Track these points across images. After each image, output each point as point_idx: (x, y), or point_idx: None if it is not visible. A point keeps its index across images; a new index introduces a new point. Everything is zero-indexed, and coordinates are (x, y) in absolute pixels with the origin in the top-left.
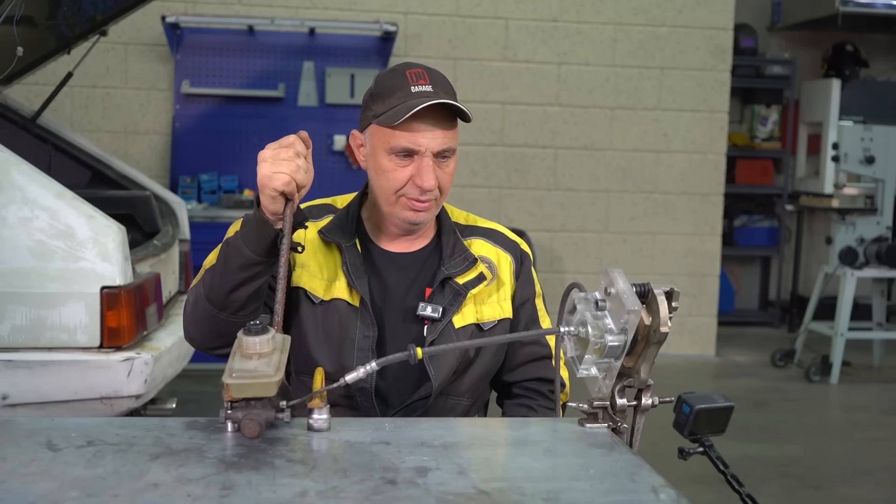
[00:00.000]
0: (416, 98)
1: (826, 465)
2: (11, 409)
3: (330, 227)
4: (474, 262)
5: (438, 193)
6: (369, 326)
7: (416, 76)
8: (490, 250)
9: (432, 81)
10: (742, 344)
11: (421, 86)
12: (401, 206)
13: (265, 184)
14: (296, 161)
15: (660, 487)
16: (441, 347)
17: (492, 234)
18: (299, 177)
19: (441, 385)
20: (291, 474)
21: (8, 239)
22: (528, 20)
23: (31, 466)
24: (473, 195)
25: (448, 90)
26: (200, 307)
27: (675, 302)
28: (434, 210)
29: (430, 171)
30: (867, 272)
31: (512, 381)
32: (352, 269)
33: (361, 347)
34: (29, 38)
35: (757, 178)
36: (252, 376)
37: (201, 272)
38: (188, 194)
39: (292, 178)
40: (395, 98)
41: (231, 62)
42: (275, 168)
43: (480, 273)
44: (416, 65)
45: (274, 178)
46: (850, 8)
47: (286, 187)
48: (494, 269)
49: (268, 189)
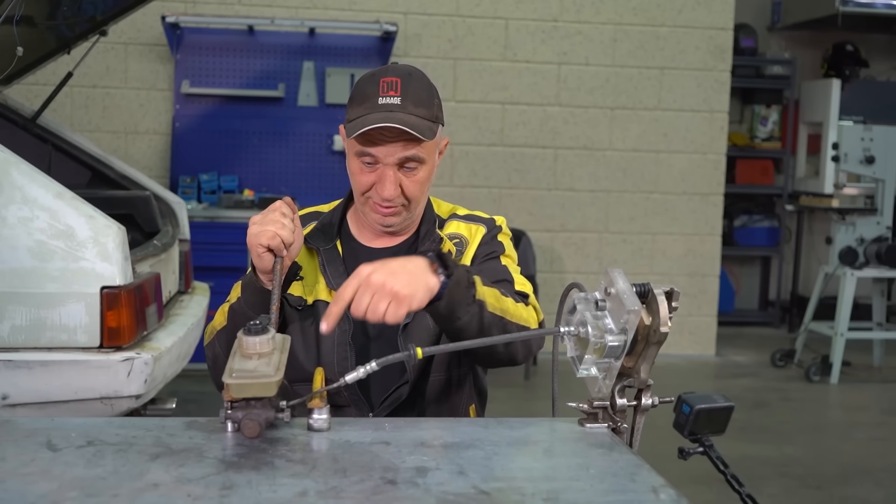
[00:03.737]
0: (378, 111)
1: (826, 465)
2: (11, 409)
3: (312, 233)
4: (440, 240)
5: (405, 201)
6: (345, 321)
7: (387, 86)
8: (461, 227)
9: (403, 92)
10: (742, 344)
11: (390, 97)
12: (369, 208)
13: (252, 242)
14: (281, 220)
15: (660, 487)
16: (440, 348)
17: (468, 216)
18: (284, 233)
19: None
20: (291, 474)
21: (8, 239)
22: (528, 20)
23: (31, 466)
24: (473, 195)
25: (419, 101)
26: (221, 364)
27: (675, 302)
28: (405, 215)
29: (388, 181)
30: (867, 272)
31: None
32: (329, 270)
33: (339, 342)
34: (29, 38)
35: (757, 178)
36: (252, 376)
37: (210, 330)
38: (188, 194)
39: (277, 233)
40: (363, 107)
41: (231, 62)
42: (261, 227)
43: (448, 251)
44: (393, 70)
45: (260, 234)
46: (850, 8)
47: (271, 241)
48: (465, 243)
49: (255, 247)
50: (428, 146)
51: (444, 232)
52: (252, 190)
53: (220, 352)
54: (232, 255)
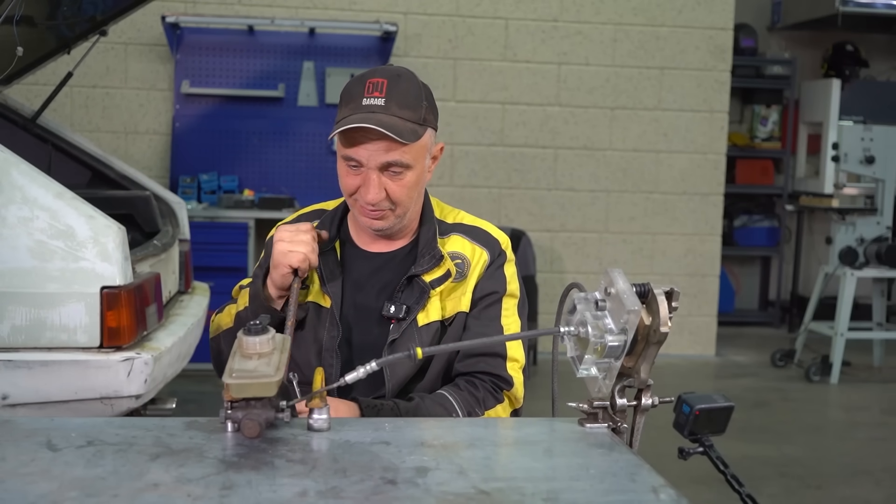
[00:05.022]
0: (362, 112)
1: (826, 465)
2: (11, 409)
3: None
4: (441, 258)
5: (391, 205)
6: (335, 327)
7: (373, 87)
8: (465, 246)
9: (388, 94)
10: (742, 344)
11: (374, 98)
12: (358, 211)
13: (280, 261)
14: (311, 244)
15: (660, 487)
16: (440, 348)
17: (473, 231)
18: (314, 257)
19: (398, 385)
20: (291, 474)
21: (8, 239)
22: (528, 20)
23: (31, 466)
24: (473, 195)
25: (405, 103)
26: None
27: (675, 302)
28: (392, 219)
29: (372, 185)
30: (867, 272)
31: (459, 371)
32: (325, 273)
33: (327, 348)
34: (29, 38)
35: (757, 178)
36: (252, 376)
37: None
38: (188, 194)
39: (307, 257)
40: (348, 108)
41: (231, 62)
42: (292, 247)
43: (447, 270)
44: (382, 72)
45: (290, 255)
46: (850, 8)
47: (301, 264)
48: (467, 265)
49: (282, 266)
50: (413, 150)
51: (447, 248)
52: (252, 190)
53: (225, 349)
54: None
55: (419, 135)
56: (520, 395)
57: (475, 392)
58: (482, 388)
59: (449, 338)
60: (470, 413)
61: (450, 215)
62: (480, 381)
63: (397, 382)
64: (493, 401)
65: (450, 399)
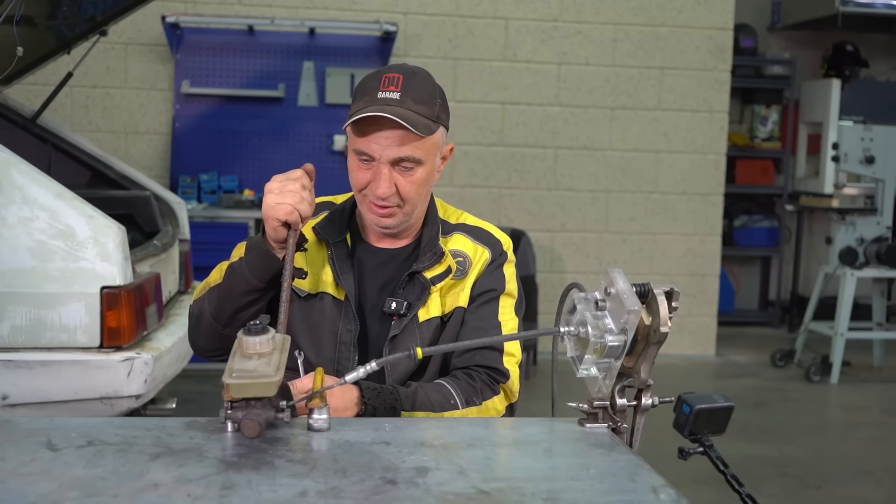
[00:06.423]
0: (378, 105)
1: (826, 465)
2: (11, 409)
3: (323, 223)
4: (442, 255)
5: (400, 201)
6: (352, 321)
7: (388, 81)
8: (467, 245)
9: (404, 88)
10: (742, 344)
11: (390, 92)
12: (366, 207)
13: (269, 214)
14: (300, 193)
15: (660, 487)
16: (440, 348)
17: (475, 230)
18: (303, 207)
19: (397, 381)
20: (291, 474)
21: (8, 239)
22: (528, 20)
23: (31, 466)
24: (473, 195)
25: (420, 99)
26: (205, 322)
27: (675, 302)
28: (400, 217)
29: (383, 180)
30: (867, 272)
31: (456, 366)
32: (338, 265)
33: (344, 341)
34: (29, 38)
35: (757, 178)
36: (252, 376)
37: (203, 286)
38: (188, 194)
39: (295, 208)
40: (363, 101)
41: (231, 62)
42: (280, 199)
43: (448, 267)
44: (398, 68)
45: (278, 208)
46: (850, 8)
47: (289, 217)
48: (468, 263)
49: (271, 219)
50: (426, 146)
51: (448, 246)
52: (252, 190)
53: (207, 308)
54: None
55: (432, 130)
56: (515, 389)
57: (472, 383)
58: (479, 380)
59: (447, 333)
60: (468, 401)
61: (453, 216)
62: (477, 374)
63: (397, 378)
64: (489, 392)
65: (448, 387)
